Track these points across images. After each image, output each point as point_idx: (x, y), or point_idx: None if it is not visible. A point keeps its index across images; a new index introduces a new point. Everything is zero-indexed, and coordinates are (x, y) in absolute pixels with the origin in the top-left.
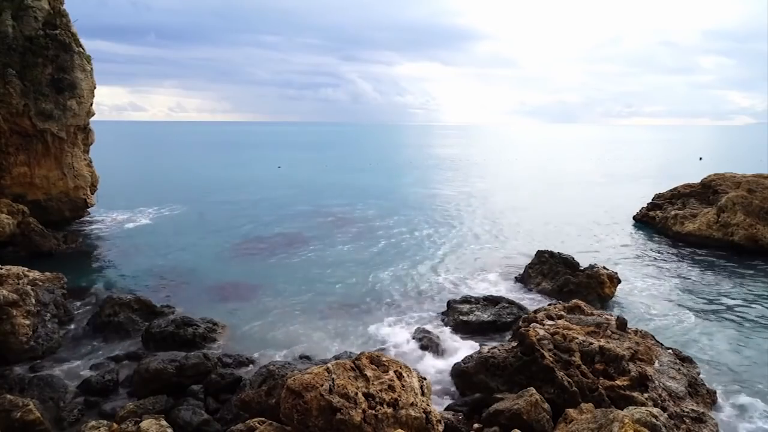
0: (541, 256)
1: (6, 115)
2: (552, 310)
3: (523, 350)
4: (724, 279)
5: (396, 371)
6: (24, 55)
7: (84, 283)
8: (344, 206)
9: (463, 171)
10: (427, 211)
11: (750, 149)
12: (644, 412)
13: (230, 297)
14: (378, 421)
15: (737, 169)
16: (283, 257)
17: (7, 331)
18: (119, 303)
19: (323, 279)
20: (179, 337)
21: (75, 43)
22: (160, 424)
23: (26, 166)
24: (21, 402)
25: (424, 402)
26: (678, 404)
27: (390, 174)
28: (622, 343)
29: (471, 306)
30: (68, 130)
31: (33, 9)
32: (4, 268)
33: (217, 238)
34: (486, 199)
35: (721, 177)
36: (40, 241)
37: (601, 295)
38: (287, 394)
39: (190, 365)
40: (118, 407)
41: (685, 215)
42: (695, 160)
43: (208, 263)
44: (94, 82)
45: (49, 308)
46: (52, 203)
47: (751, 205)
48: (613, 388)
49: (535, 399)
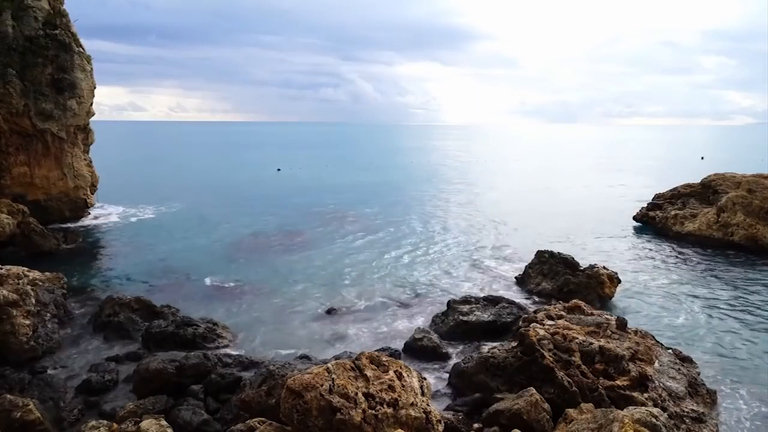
0: (541, 256)
1: (6, 115)
2: (552, 310)
3: (523, 350)
4: (724, 279)
5: (396, 371)
6: (24, 55)
7: (84, 283)
8: (344, 206)
9: (464, 171)
10: (427, 212)
11: (750, 149)
12: (644, 412)
13: (230, 297)
14: (378, 421)
15: (737, 169)
16: (283, 257)
17: (7, 331)
18: (119, 303)
19: (323, 279)
20: (179, 338)
21: (75, 43)
22: (160, 424)
23: (26, 166)
24: (21, 402)
25: (424, 402)
26: (678, 404)
27: (390, 174)
28: (622, 343)
29: (471, 306)
30: (68, 130)
31: (33, 9)
32: (4, 268)
33: (217, 238)
34: (486, 199)
35: (721, 177)
36: (40, 241)
37: (601, 295)
38: (287, 394)
39: (190, 365)
40: (118, 407)
41: (685, 215)
42: (695, 160)
43: (208, 263)
44: (94, 82)
45: (49, 308)
46: (52, 203)
47: (751, 205)
48: (613, 388)
49: (535, 399)
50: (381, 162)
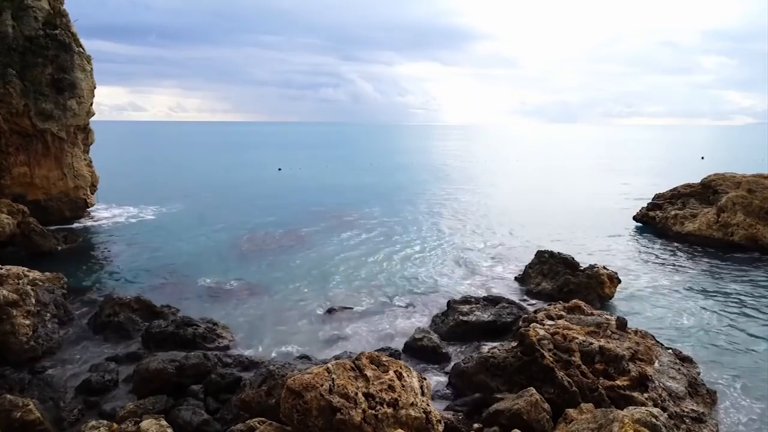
0: (541, 256)
1: (6, 115)
2: (552, 310)
3: (523, 350)
4: (724, 279)
5: (396, 371)
6: (24, 55)
7: (84, 283)
8: (344, 206)
9: (464, 171)
10: (427, 212)
11: (750, 149)
12: (644, 412)
13: (230, 297)
14: (378, 421)
15: (737, 169)
16: (284, 257)
17: (7, 331)
18: (119, 303)
19: (323, 279)
20: (179, 338)
21: (75, 43)
22: (160, 424)
23: (26, 166)
24: (21, 402)
25: (424, 402)
26: (678, 404)
27: (390, 174)
28: (622, 343)
29: (471, 306)
30: (68, 130)
31: (33, 9)
32: (4, 268)
33: (217, 238)
34: (486, 199)
35: (721, 177)
36: (40, 241)
37: (601, 295)
38: (287, 394)
39: (190, 365)
40: (118, 407)
41: (685, 215)
42: (695, 160)
43: (209, 263)
44: (94, 82)
45: (49, 308)
46: (52, 203)
47: (751, 205)
48: (613, 388)
49: (535, 399)
50: (381, 162)
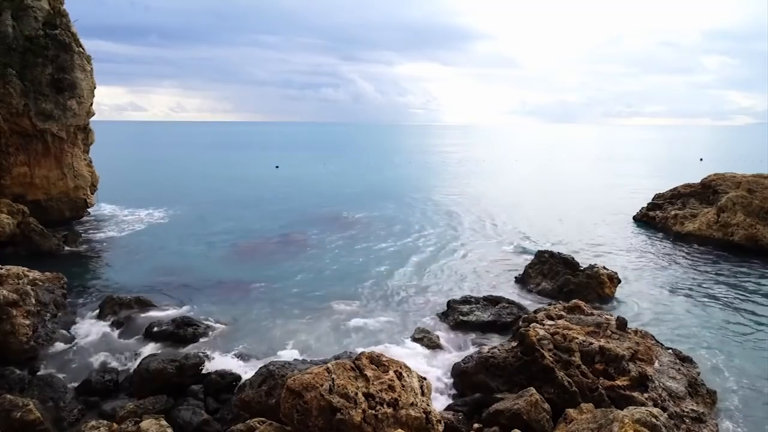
0: (541, 256)
1: (6, 115)
2: (552, 310)
3: (523, 350)
4: (724, 279)
5: (396, 371)
6: (24, 55)
7: (84, 283)
8: (344, 206)
9: (464, 171)
10: (427, 211)
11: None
12: (644, 412)
13: (230, 297)
14: (378, 421)
15: (737, 169)
16: (283, 257)
17: (7, 331)
18: (119, 303)
19: (323, 279)
20: (179, 337)
21: (75, 43)
22: (160, 424)
23: (26, 166)
24: (21, 402)
25: (424, 402)
26: (678, 404)
27: (390, 174)
28: (622, 343)
29: (471, 306)
30: (68, 130)
31: (33, 9)
32: (4, 268)
33: (217, 238)
34: (486, 199)
35: (721, 177)
36: (40, 241)
37: (601, 295)
38: (287, 394)
39: (190, 365)
40: (118, 407)
41: (685, 215)
42: (695, 160)
43: (208, 263)
44: (94, 82)
45: (49, 308)
46: (52, 203)
47: (751, 205)
48: (613, 388)
49: (535, 399)
50: (381, 162)
